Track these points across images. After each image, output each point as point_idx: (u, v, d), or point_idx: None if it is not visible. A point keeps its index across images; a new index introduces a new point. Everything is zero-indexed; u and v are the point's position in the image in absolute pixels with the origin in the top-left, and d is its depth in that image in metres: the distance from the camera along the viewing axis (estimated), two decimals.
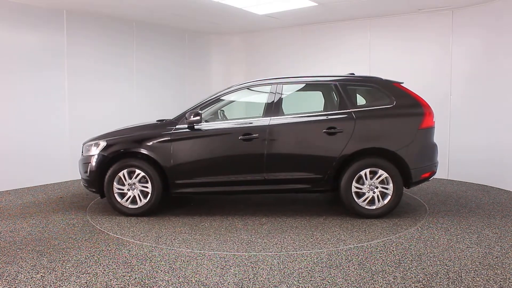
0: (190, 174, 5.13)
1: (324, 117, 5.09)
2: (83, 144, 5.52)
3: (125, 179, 5.17)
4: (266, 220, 5.02)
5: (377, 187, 4.94)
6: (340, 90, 5.15)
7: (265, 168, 5.03)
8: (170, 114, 5.53)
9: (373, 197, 4.95)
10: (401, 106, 5.02)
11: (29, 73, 6.91)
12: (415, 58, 7.58)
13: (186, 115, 5.08)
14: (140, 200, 5.18)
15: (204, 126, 5.20)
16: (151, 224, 4.92)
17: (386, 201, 4.94)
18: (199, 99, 5.82)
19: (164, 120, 5.45)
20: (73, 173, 7.48)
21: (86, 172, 5.31)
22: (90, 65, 7.69)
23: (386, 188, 4.93)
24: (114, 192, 5.19)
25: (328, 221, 4.94)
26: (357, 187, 4.95)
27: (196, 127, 5.14)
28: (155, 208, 5.21)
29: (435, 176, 5.44)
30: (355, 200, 4.95)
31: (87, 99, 7.66)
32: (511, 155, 6.39)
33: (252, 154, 5.05)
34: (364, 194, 4.96)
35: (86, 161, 5.33)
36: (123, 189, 5.19)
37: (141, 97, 8.54)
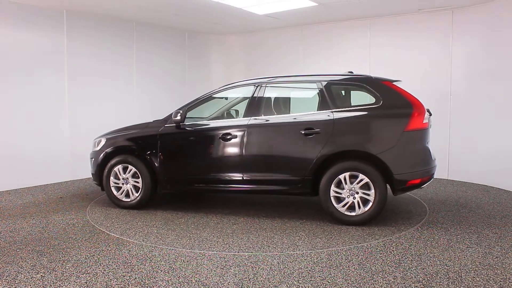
0: (175, 172, 5.33)
1: (303, 118, 4.88)
2: (93, 140, 5.90)
3: (120, 174, 5.50)
4: (242, 220, 5.01)
5: (357, 192, 4.63)
6: (323, 90, 4.92)
7: (243, 168, 5.03)
8: (169, 113, 5.56)
9: (353, 202, 4.66)
10: (387, 106, 4.66)
11: (29, 73, 6.90)
12: (415, 58, 7.58)
13: (172, 115, 5.23)
14: (132, 194, 5.48)
15: (189, 125, 5.32)
16: (132, 216, 5.20)
17: (367, 207, 4.61)
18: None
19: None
20: (73, 173, 7.51)
21: (92, 166, 5.76)
22: (90, 65, 7.69)
23: (368, 194, 4.60)
24: (111, 186, 5.55)
25: (303, 225, 4.78)
26: (336, 192, 4.68)
27: (181, 126, 5.28)
28: (146, 202, 5.47)
29: (435, 176, 5.19)
30: (333, 205, 4.69)
31: (87, 99, 7.65)
32: (511, 155, 6.39)
33: (231, 154, 5.10)
34: (344, 199, 4.69)
35: (92, 156, 5.77)
36: (118, 183, 5.53)
37: (142, 97, 8.54)
